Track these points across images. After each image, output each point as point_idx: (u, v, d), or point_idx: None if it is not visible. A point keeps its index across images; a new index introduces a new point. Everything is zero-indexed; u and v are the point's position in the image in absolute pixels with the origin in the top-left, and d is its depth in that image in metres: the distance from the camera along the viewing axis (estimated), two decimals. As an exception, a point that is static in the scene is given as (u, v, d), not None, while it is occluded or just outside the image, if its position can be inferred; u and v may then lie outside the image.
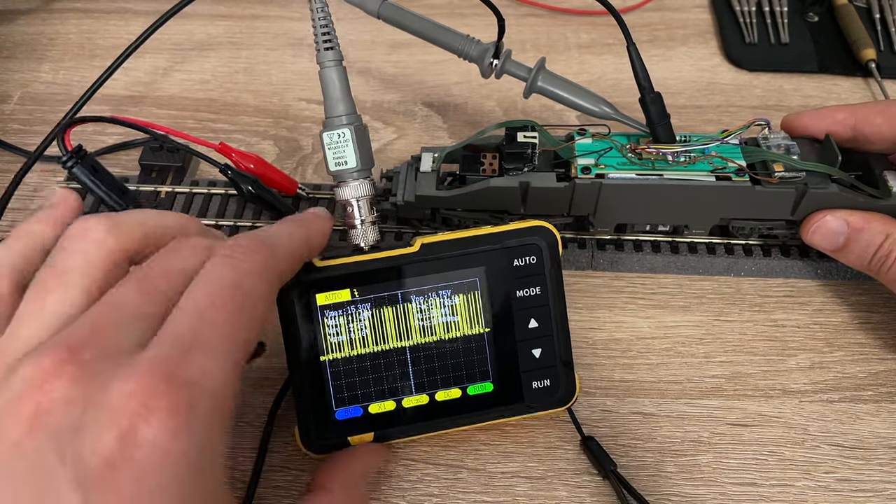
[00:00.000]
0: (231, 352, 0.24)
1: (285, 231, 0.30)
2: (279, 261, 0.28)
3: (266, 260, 0.27)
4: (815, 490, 0.35)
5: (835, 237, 0.38)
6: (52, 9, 0.59)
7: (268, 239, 0.28)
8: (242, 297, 0.25)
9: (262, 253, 0.27)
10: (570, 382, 0.35)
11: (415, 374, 0.34)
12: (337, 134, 0.34)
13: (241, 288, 0.26)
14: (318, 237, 0.32)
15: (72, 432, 0.21)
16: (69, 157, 0.38)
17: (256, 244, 0.27)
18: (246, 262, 0.26)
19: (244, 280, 0.26)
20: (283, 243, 0.29)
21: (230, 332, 0.25)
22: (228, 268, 0.26)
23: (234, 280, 0.26)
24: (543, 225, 0.34)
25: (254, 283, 0.26)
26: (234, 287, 0.25)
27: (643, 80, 0.38)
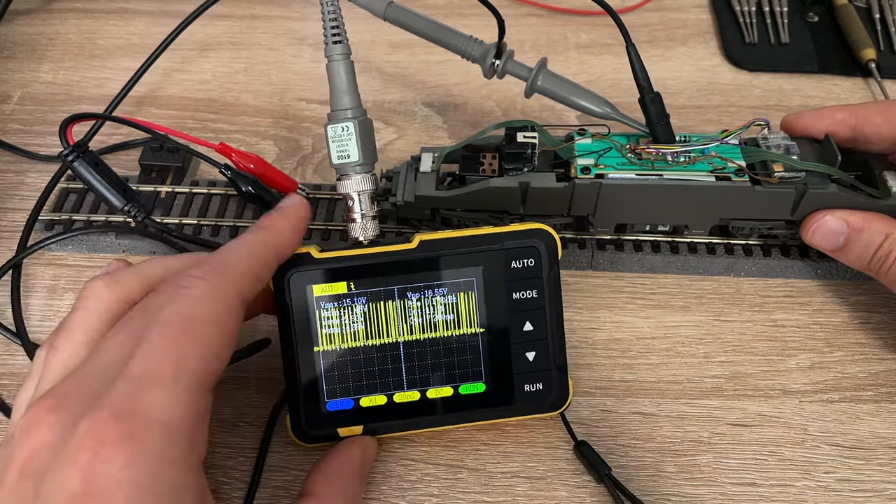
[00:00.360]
0: (181, 379, 0.25)
1: (243, 245, 0.30)
2: (231, 279, 0.28)
3: (214, 282, 0.27)
4: (815, 490, 0.35)
5: (834, 237, 0.38)
6: (52, 9, 0.59)
7: (218, 259, 0.29)
8: (187, 324, 0.26)
9: (210, 276, 0.28)
10: (563, 387, 0.35)
11: (407, 371, 0.34)
12: (341, 127, 0.34)
13: (185, 314, 0.26)
14: (288, 236, 0.32)
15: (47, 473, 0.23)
16: (70, 150, 0.38)
17: (205, 269, 0.28)
18: (191, 287, 0.27)
19: (189, 306, 0.26)
20: (234, 260, 0.29)
21: (178, 360, 0.25)
22: (175, 296, 0.27)
23: (179, 308, 0.26)
24: (543, 228, 0.34)
25: (200, 308, 0.27)
26: (178, 315, 0.26)
27: (642, 81, 0.38)
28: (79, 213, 0.44)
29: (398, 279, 0.34)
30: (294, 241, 0.32)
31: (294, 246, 0.32)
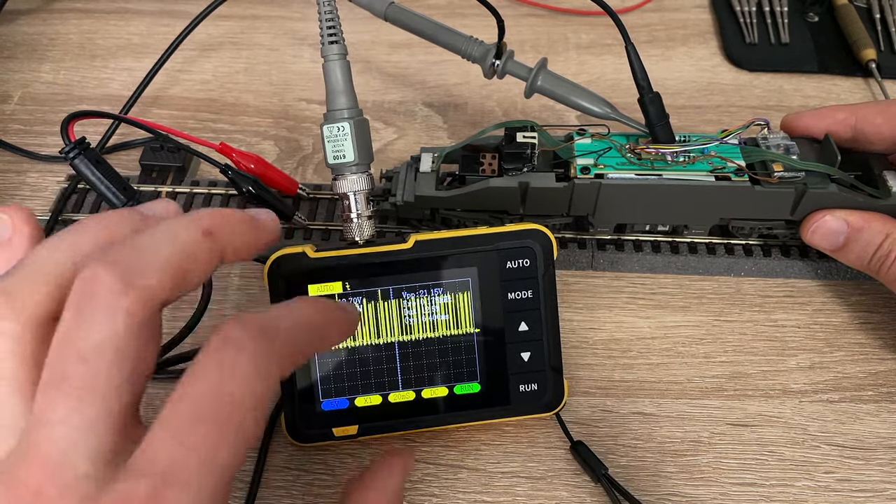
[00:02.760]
0: (211, 476, 0.20)
1: (292, 313, 0.24)
2: (276, 357, 0.22)
3: (260, 355, 0.22)
4: (815, 490, 0.35)
5: (834, 237, 0.38)
6: (52, 9, 0.59)
7: (268, 325, 0.23)
8: (228, 409, 0.21)
9: (258, 345, 0.22)
10: (558, 388, 0.35)
11: (402, 370, 0.34)
12: (337, 127, 0.34)
13: (226, 397, 0.21)
14: (335, 329, 0.26)
15: None
16: (72, 147, 0.38)
17: (252, 336, 0.22)
18: (236, 359, 0.21)
19: (230, 386, 0.21)
20: (288, 330, 0.23)
21: (210, 455, 0.20)
22: (212, 370, 0.21)
23: (217, 387, 0.21)
24: (538, 228, 0.34)
25: (244, 390, 0.21)
26: (216, 397, 0.21)
27: (642, 81, 0.38)
28: (79, 213, 0.44)
29: (394, 279, 0.34)
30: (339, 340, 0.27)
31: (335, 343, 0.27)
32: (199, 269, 0.23)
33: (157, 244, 0.22)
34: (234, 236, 0.24)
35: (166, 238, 0.22)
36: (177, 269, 0.22)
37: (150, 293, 0.21)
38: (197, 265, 0.23)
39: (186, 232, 0.23)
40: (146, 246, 0.22)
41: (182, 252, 0.22)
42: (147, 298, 0.21)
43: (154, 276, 0.21)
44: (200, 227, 0.23)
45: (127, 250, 0.22)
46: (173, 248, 0.22)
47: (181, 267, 0.22)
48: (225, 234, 0.24)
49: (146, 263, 0.21)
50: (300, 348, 0.24)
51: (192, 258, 0.23)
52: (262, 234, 0.26)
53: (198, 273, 0.23)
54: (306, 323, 0.24)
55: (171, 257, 0.22)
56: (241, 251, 0.25)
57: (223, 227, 0.24)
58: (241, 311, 0.41)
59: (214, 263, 0.24)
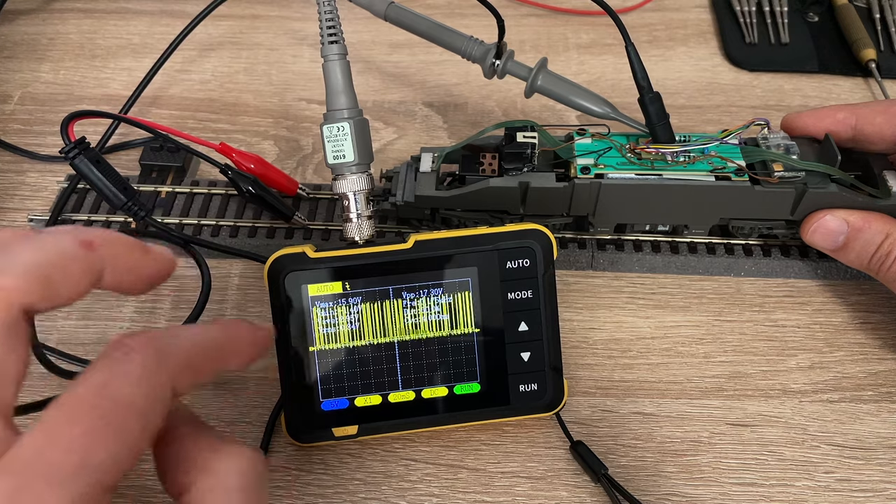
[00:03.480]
0: (82, 478, 0.19)
1: (193, 331, 0.24)
2: (169, 367, 0.22)
3: (148, 362, 0.21)
4: (815, 490, 0.35)
5: (834, 237, 0.38)
6: (52, 9, 0.59)
7: (160, 337, 0.23)
8: (109, 411, 0.20)
9: (146, 352, 0.22)
10: (558, 388, 0.35)
11: (402, 370, 0.34)
12: (337, 127, 0.34)
13: (107, 399, 0.20)
14: (242, 348, 0.26)
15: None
16: (72, 147, 0.38)
17: (143, 342, 0.22)
18: (122, 361, 0.21)
19: (114, 389, 0.21)
20: (182, 343, 0.23)
21: (84, 456, 0.19)
22: (99, 369, 0.21)
23: (100, 389, 0.21)
24: (538, 228, 0.34)
25: (129, 393, 0.21)
26: (97, 398, 0.20)
27: (642, 80, 0.39)
28: (79, 212, 0.44)
29: (393, 279, 0.34)
30: (247, 356, 0.26)
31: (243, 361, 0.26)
32: (70, 279, 0.22)
33: (24, 248, 0.21)
34: (115, 255, 0.23)
35: (35, 244, 0.22)
36: (42, 274, 0.21)
37: (8, 293, 0.20)
38: (67, 275, 0.22)
39: (61, 241, 0.22)
40: (11, 249, 0.21)
41: (50, 259, 0.21)
42: (9, 302, 0.20)
43: (14, 277, 0.21)
44: (78, 237, 0.22)
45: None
46: (40, 253, 0.21)
47: (48, 273, 0.21)
48: (105, 249, 0.23)
49: (6, 264, 0.21)
50: (198, 365, 0.23)
51: (61, 267, 0.22)
52: (151, 262, 0.24)
53: (69, 284, 0.22)
54: (206, 340, 0.24)
55: (37, 262, 0.21)
56: (123, 275, 0.24)
57: (103, 242, 0.23)
58: (241, 311, 0.41)
59: (90, 278, 0.22)
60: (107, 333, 0.40)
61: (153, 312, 0.41)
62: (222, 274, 0.43)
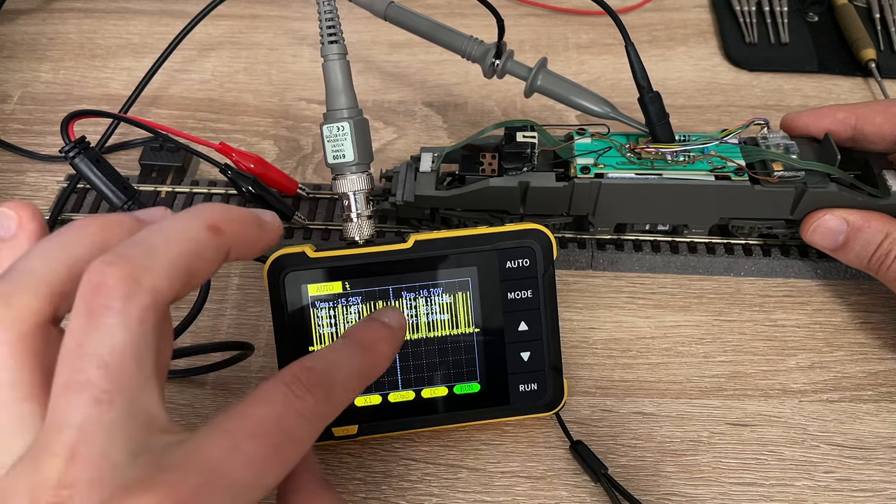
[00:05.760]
0: (256, 491, 0.21)
1: (347, 362, 0.26)
2: (331, 404, 0.24)
3: (318, 402, 0.23)
4: (815, 490, 0.35)
5: (834, 236, 0.38)
6: (52, 9, 0.59)
7: (326, 375, 0.24)
8: (283, 438, 0.22)
9: (317, 393, 0.23)
10: (558, 387, 0.35)
11: (402, 370, 0.34)
12: (336, 127, 0.34)
13: (285, 427, 0.22)
14: (384, 363, 0.28)
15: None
16: (72, 147, 0.38)
17: (312, 380, 0.24)
18: (299, 398, 0.23)
19: (290, 421, 0.22)
20: (340, 382, 0.25)
21: (261, 471, 0.21)
22: (277, 403, 0.22)
23: (279, 417, 0.22)
24: (538, 228, 0.34)
25: (299, 426, 0.23)
26: (276, 424, 0.22)
27: (642, 80, 0.38)
28: (79, 212, 0.44)
29: (393, 279, 0.34)
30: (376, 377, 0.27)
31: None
32: (205, 266, 0.23)
33: (163, 242, 0.22)
34: (240, 234, 0.24)
35: (172, 235, 0.22)
36: (184, 266, 0.22)
37: (161, 294, 0.21)
38: (203, 262, 0.23)
39: (192, 229, 0.23)
40: (152, 244, 0.22)
41: (188, 249, 0.22)
42: (158, 300, 0.21)
43: (163, 275, 0.21)
44: (206, 222, 0.23)
45: (132, 249, 0.21)
46: (180, 245, 0.22)
47: (188, 264, 0.22)
48: (231, 231, 0.23)
49: (153, 262, 0.21)
50: (349, 396, 0.25)
51: (198, 255, 0.22)
52: (266, 234, 0.25)
53: (204, 270, 0.23)
54: (358, 372, 0.26)
55: (179, 255, 0.22)
56: (245, 250, 0.24)
57: (229, 224, 0.24)
58: (241, 310, 0.41)
59: (220, 261, 0.23)
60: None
61: (153, 312, 0.41)
62: (222, 274, 0.43)
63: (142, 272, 0.21)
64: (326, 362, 0.25)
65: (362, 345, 0.27)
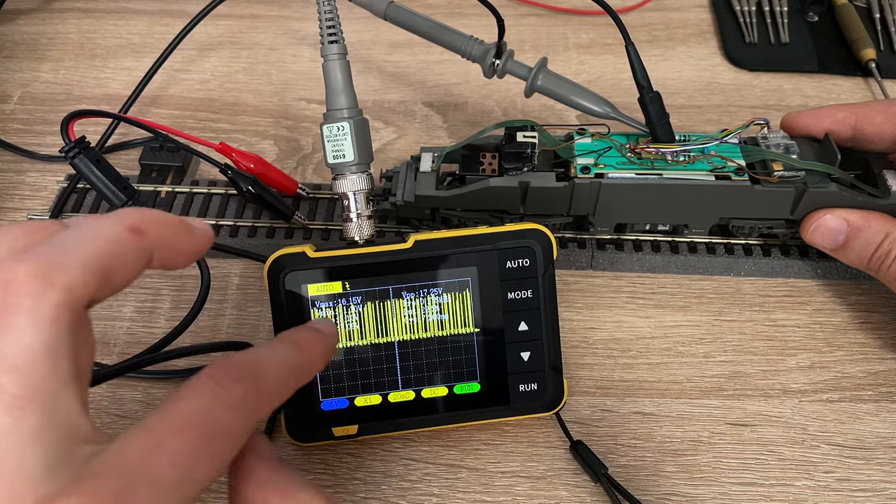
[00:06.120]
0: (184, 488, 0.20)
1: (278, 357, 0.26)
2: (262, 395, 0.24)
3: (247, 392, 0.23)
4: (815, 490, 0.35)
5: (834, 236, 0.38)
6: (52, 9, 0.59)
7: (255, 367, 0.24)
8: (211, 429, 0.21)
9: (245, 383, 0.23)
10: (558, 387, 0.35)
11: (402, 370, 0.34)
12: (336, 127, 0.34)
13: (212, 418, 0.22)
14: (317, 362, 0.27)
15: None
16: (72, 147, 0.38)
17: (239, 371, 0.23)
18: (226, 389, 0.22)
19: (218, 412, 0.22)
20: (271, 374, 0.24)
21: (189, 467, 0.20)
22: (204, 395, 0.22)
23: (206, 409, 0.22)
24: (538, 228, 0.34)
25: (227, 417, 0.22)
26: (203, 416, 0.21)
27: (642, 80, 0.38)
28: (79, 212, 0.44)
29: (393, 279, 0.34)
30: (318, 370, 0.28)
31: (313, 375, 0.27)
32: (124, 267, 0.22)
33: (79, 240, 0.21)
34: (164, 237, 0.23)
35: (87, 234, 0.21)
36: (101, 265, 0.21)
37: (75, 292, 0.20)
38: (122, 263, 0.22)
39: (111, 229, 0.22)
40: (67, 243, 0.21)
41: (106, 248, 0.21)
42: (72, 298, 0.20)
43: (76, 273, 0.20)
44: (126, 223, 0.22)
45: (44, 248, 0.20)
46: (97, 244, 0.21)
47: (105, 264, 0.21)
48: (153, 233, 0.23)
49: (67, 260, 0.20)
50: (282, 390, 0.25)
51: (116, 255, 0.21)
52: (194, 239, 0.24)
53: (123, 271, 0.22)
54: (289, 365, 0.26)
55: (93, 254, 0.21)
56: (170, 254, 0.24)
57: (151, 226, 0.23)
58: (241, 310, 0.41)
59: (142, 263, 0.22)
60: (107, 333, 0.40)
61: (153, 312, 0.41)
62: (222, 273, 0.43)
63: (54, 269, 0.20)
64: (256, 356, 0.25)
65: (293, 342, 0.27)
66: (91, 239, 0.21)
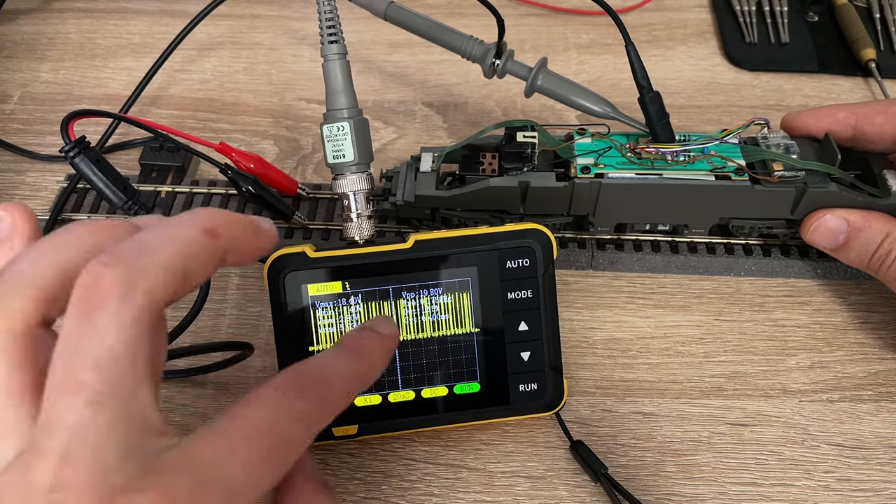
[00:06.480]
0: (251, 493, 0.21)
1: (341, 366, 0.26)
2: (325, 407, 0.24)
3: (311, 405, 0.24)
4: (815, 490, 0.35)
5: (835, 236, 0.38)
6: (52, 8, 0.59)
7: (320, 378, 0.25)
8: (276, 440, 0.22)
9: (312, 398, 0.24)
10: (558, 387, 0.35)
11: (402, 370, 0.34)
12: (336, 127, 0.34)
13: (278, 429, 0.22)
14: (378, 368, 0.27)
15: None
16: (72, 146, 0.38)
17: (304, 383, 0.24)
18: (293, 400, 0.23)
19: (284, 424, 0.23)
20: (336, 385, 0.25)
21: (257, 473, 0.21)
22: (270, 406, 0.23)
23: (273, 419, 0.22)
24: (538, 228, 0.34)
25: (293, 430, 0.23)
26: (271, 427, 0.22)
27: (642, 80, 0.38)
28: (79, 212, 0.44)
29: (393, 279, 0.34)
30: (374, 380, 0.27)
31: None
32: (200, 269, 0.23)
33: (158, 244, 0.22)
34: (236, 238, 0.24)
35: (167, 237, 0.22)
36: (179, 268, 0.22)
37: (156, 295, 0.21)
38: (198, 265, 0.22)
39: (187, 232, 0.23)
40: (147, 246, 0.22)
41: (183, 251, 0.22)
42: (153, 301, 0.21)
43: (158, 276, 0.21)
44: (201, 226, 0.23)
45: (127, 251, 0.21)
46: (174, 247, 0.22)
47: (183, 266, 0.22)
48: (227, 234, 0.23)
49: (148, 264, 0.21)
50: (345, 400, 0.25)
51: (193, 258, 0.22)
52: (262, 240, 0.25)
53: (199, 273, 0.23)
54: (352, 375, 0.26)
55: (174, 257, 0.22)
56: (241, 255, 0.24)
57: (225, 228, 0.23)
58: (241, 310, 0.41)
59: (216, 264, 0.23)
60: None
61: (153, 312, 0.41)
62: (222, 274, 0.43)
63: (137, 273, 0.21)
64: (320, 367, 0.25)
65: (355, 350, 0.27)
66: (169, 242, 0.22)
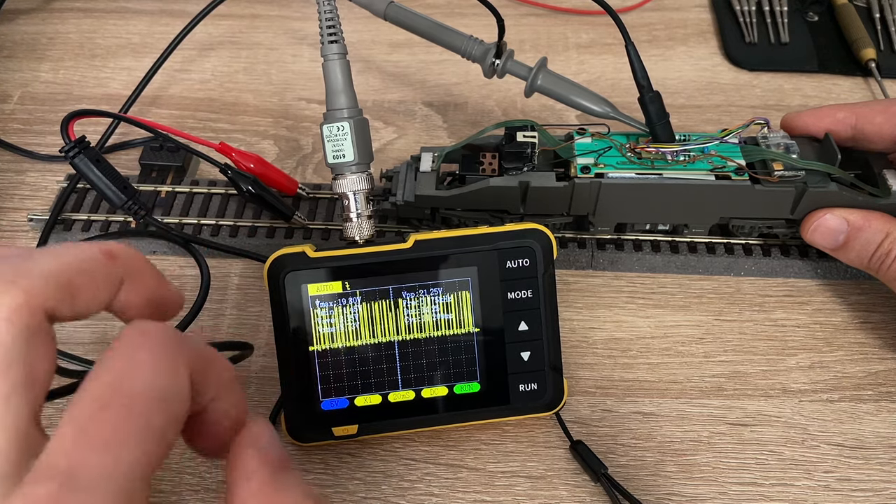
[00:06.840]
0: (119, 474, 0.18)
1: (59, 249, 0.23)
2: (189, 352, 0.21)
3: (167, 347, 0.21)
4: (815, 490, 0.35)
5: (835, 235, 0.38)
6: (52, 8, 0.59)
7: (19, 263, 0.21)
8: (131, 400, 0.19)
9: (159, 338, 0.21)
10: (558, 387, 0.35)
11: (402, 370, 0.34)
12: (336, 127, 0.34)
13: (126, 389, 0.19)
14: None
15: None
16: (72, 146, 0.38)
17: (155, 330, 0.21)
18: (136, 354, 0.20)
19: (131, 379, 0.20)
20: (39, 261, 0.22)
21: (117, 449, 0.19)
22: (115, 363, 0.20)
23: (118, 379, 0.20)
24: (538, 228, 0.34)
25: (147, 382, 0.20)
26: (117, 388, 0.19)
27: (642, 80, 0.38)
28: (79, 212, 0.44)
29: (393, 279, 0.34)
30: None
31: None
32: (92, 286, 0.22)
33: (48, 254, 0.21)
34: (136, 269, 0.23)
35: (58, 250, 0.22)
36: (65, 278, 0.21)
37: (35, 297, 0.20)
38: (90, 281, 0.21)
39: (85, 248, 0.22)
40: (35, 254, 0.21)
41: (73, 264, 0.21)
42: (31, 302, 0.20)
43: (41, 280, 0.20)
44: (101, 247, 0.22)
45: (11, 255, 0.21)
46: (65, 258, 0.21)
47: (71, 278, 0.21)
48: (126, 261, 0.23)
49: (32, 266, 0.20)
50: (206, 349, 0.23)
51: (85, 273, 0.21)
52: (164, 288, 0.24)
53: (90, 290, 0.21)
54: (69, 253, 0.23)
55: (62, 265, 0.21)
56: (140, 289, 0.23)
57: (125, 254, 0.23)
58: (241, 310, 0.41)
59: (110, 288, 0.22)
60: (107, 333, 0.40)
61: (153, 312, 0.41)
62: (222, 273, 0.43)
63: (17, 273, 0.20)
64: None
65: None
66: (60, 255, 0.21)
